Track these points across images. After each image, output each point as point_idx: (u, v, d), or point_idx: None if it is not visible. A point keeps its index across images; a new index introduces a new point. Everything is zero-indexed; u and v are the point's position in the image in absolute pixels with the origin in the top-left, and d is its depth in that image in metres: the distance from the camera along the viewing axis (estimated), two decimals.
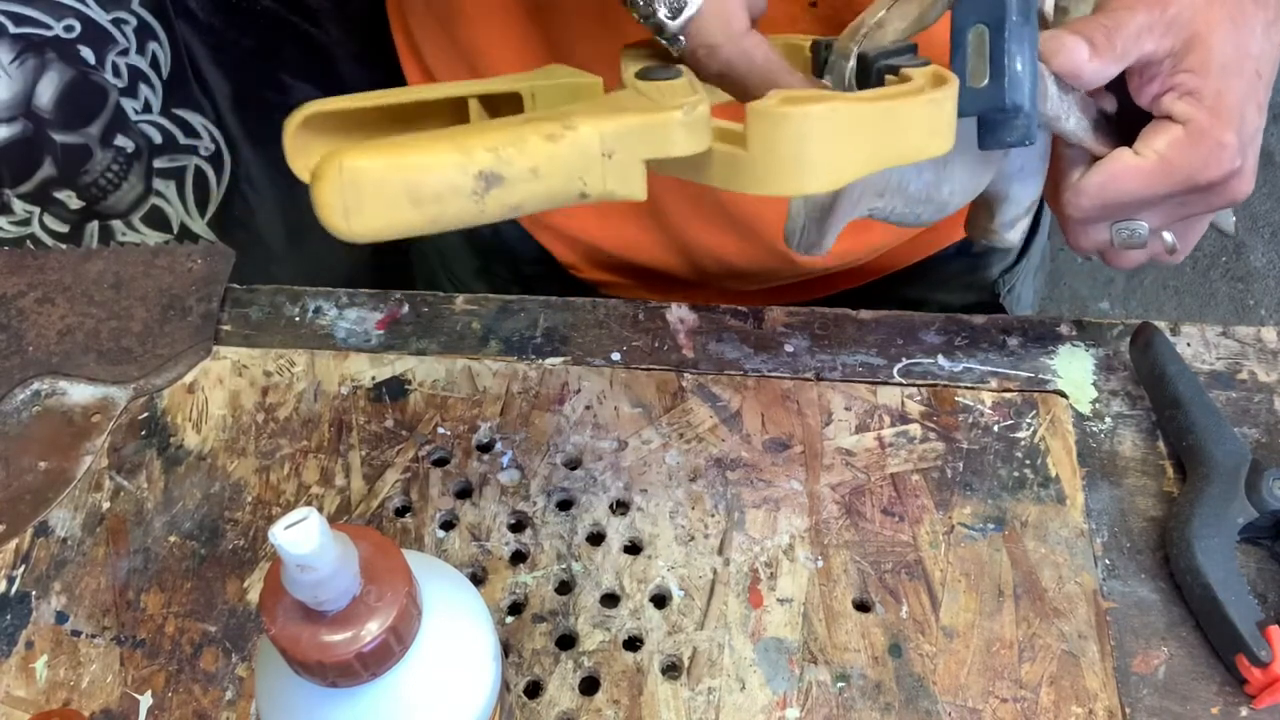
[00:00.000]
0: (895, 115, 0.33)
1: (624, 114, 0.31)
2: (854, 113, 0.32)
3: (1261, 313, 1.65)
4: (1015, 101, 0.37)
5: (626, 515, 0.48)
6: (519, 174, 0.29)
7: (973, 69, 0.37)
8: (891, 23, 0.39)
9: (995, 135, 0.38)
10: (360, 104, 0.36)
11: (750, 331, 0.55)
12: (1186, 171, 0.41)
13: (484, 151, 0.29)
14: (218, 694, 0.44)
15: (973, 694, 0.43)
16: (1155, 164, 0.41)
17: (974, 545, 0.47)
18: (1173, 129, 0.41)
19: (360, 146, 0.28)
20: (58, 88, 0.75)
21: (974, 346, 0.54)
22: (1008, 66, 0.36)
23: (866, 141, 0.33)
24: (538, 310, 0.56)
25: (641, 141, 0.31)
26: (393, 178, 0.28)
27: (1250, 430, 0.50)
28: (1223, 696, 0.43)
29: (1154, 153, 0.41)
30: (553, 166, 0.30)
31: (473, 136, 0.29)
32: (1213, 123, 0.40)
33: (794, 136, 0.32)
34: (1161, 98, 0.41)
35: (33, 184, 0.78)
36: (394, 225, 0.28)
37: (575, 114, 0.31)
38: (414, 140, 0.29)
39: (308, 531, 0.28)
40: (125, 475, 0.50)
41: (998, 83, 0.37)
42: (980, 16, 0.36)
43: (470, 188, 0.29)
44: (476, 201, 0.29)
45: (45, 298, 0.57)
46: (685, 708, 0.43)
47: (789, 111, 0.31)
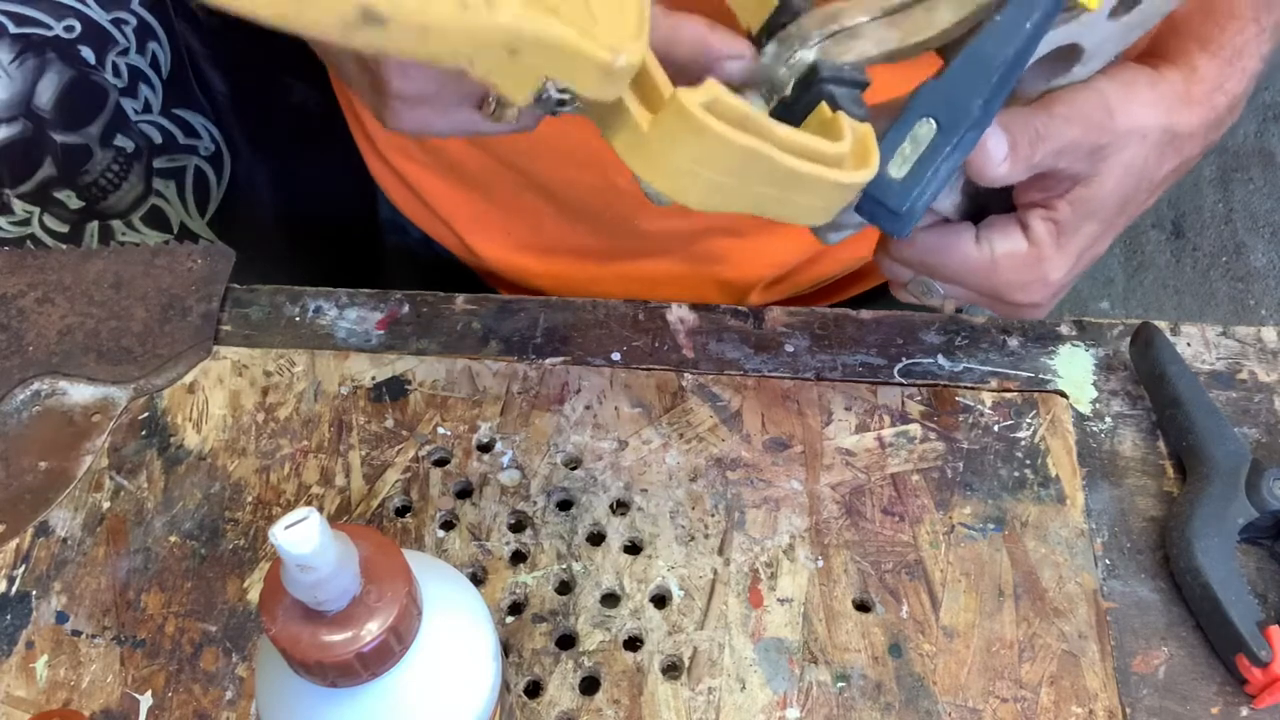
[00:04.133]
0: (801, 180, 0.32)
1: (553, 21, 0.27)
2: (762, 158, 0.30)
3: (1261, 313, 1.65)
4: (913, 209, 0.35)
5: (626, 515, 0.48)
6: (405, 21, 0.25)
7: (898, 157, 0.35)
8: (863, 40, 0.36)
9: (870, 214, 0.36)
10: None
11: (750, 331, 0.55)
12: (1006, 284, 0.42)
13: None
14: (218, 694, 0.44)
15: (973, 694, 0.43)
16: (985, 262, 0.42)
17: (974, 545, 0.47)
18: (1016, 241, 0.41)
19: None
20: (58, 88, 0.75)
21: (974, 346, 0.54)
22: (926, 181, 0.34)
23: (758, 188, 0.31)
24: (538, 310, 0.56)
25: (556, 59, 0.28)
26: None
27: (1250, 430, 0.50)
28: (1223, 696, 0.43)
29: (990, 251, 0.42)
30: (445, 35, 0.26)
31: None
32: (1052, 257, 0.41)
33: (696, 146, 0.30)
34: (1032, 207, 0.41)
35: (33, 184, 0.78)
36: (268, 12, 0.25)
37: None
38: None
39: (308, 531, 0.28)
40: (125, 475, 0.50)
41: (906, 189, 0.34)
42: (937, 112, 0.34)
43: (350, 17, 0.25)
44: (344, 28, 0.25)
45: (45, 298, 0.57)
46: (685, 708, 0.43)
47: (706, 123, 0.29)
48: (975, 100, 0.34)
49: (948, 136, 0.34)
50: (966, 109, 0.34)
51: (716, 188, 0.31)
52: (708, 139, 0.29)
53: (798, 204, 0.33)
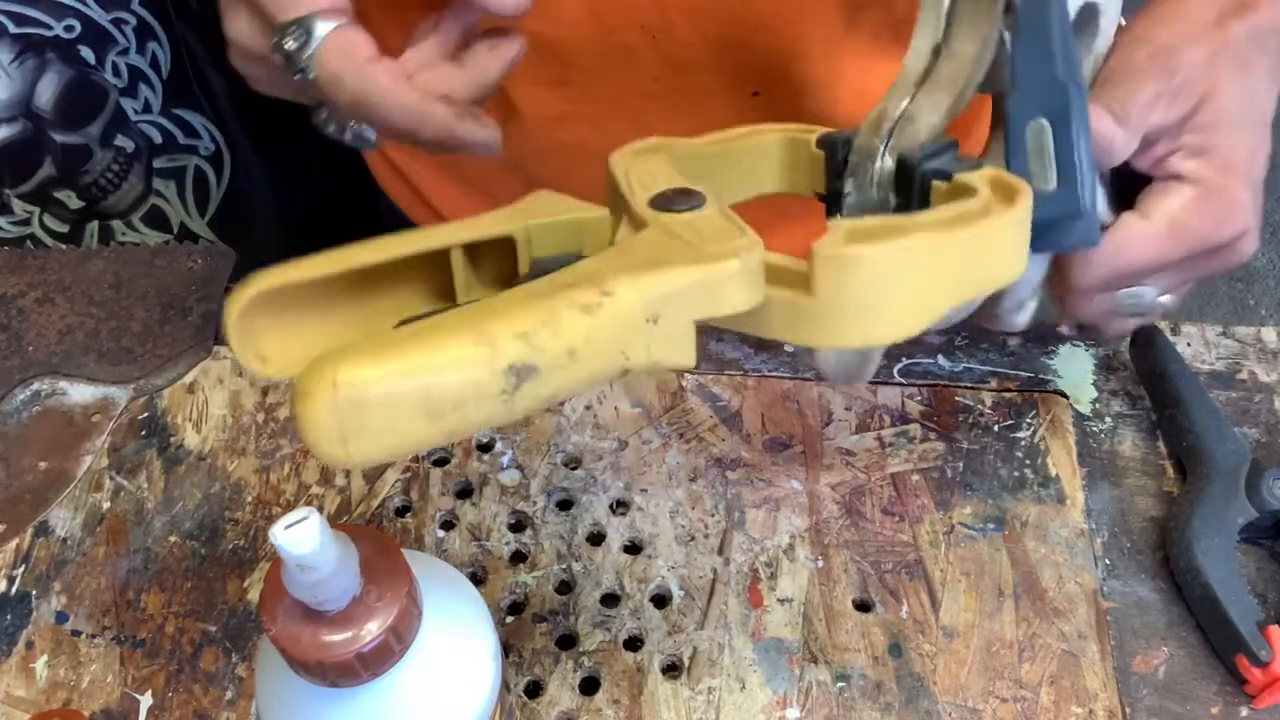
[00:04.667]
0: (975, 243, 0.29)
1: (667, 268, 0.26)
2: (932, 246, 0.28)
3: (1261, 313, 1.65)
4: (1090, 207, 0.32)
5: (626, 515, 0.48)
6: (555, 361, 0.24)
7: (1036, 170, 0.32)
8: (922, 115, 0.34)
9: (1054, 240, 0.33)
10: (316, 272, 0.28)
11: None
12: (1200, 233, 0.39)
13: (512, 339, 0.23)
14: (218, 694, 0.44)
15: (973, 694, 0.43)
16: (1166, 228, 0.39)
17: (974, 545, 0.47)
18: (1183, 190, 0.39)
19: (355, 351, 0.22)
20: (58, 88, 0.75)
21: (974, 346, 0.54)
22: (1079, 166, 0.32)
23: (948, 275, 0.28)
24: None
25: (692, 301, 0.26)
26: (403, 389, 0.22)
27: (1250, 430, 0.50)
28: (1223, 696, 0.43)
29: (1165, 216, 0.39)
30: (592, 345, 0.25)
31: (494, 320, 0.24)
32: (1225, 180, 0.39)
33: (869, 281, 0.27)
34: (1168, 159, 0.40)
35: (33, 184, 0.78)
36: (404, 444, 0.23)
37: (607, 273, 0.25)
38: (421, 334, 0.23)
39: (308, 531, 0.28)
40: (125, 475, 0.50)
41: (1069, 187, 0.32)
42: (1040, 109, 0.32)
43: (499, 386, 0.23)
44: (505, 401, 0.23)
45: (45, 298, 0.57)
46: (685, 708, 0.43)
47: (861, 254, 0.27)
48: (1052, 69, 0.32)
49: (1064, 119, 0.32)
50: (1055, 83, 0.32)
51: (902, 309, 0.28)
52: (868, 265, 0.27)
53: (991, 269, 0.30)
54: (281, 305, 0.28)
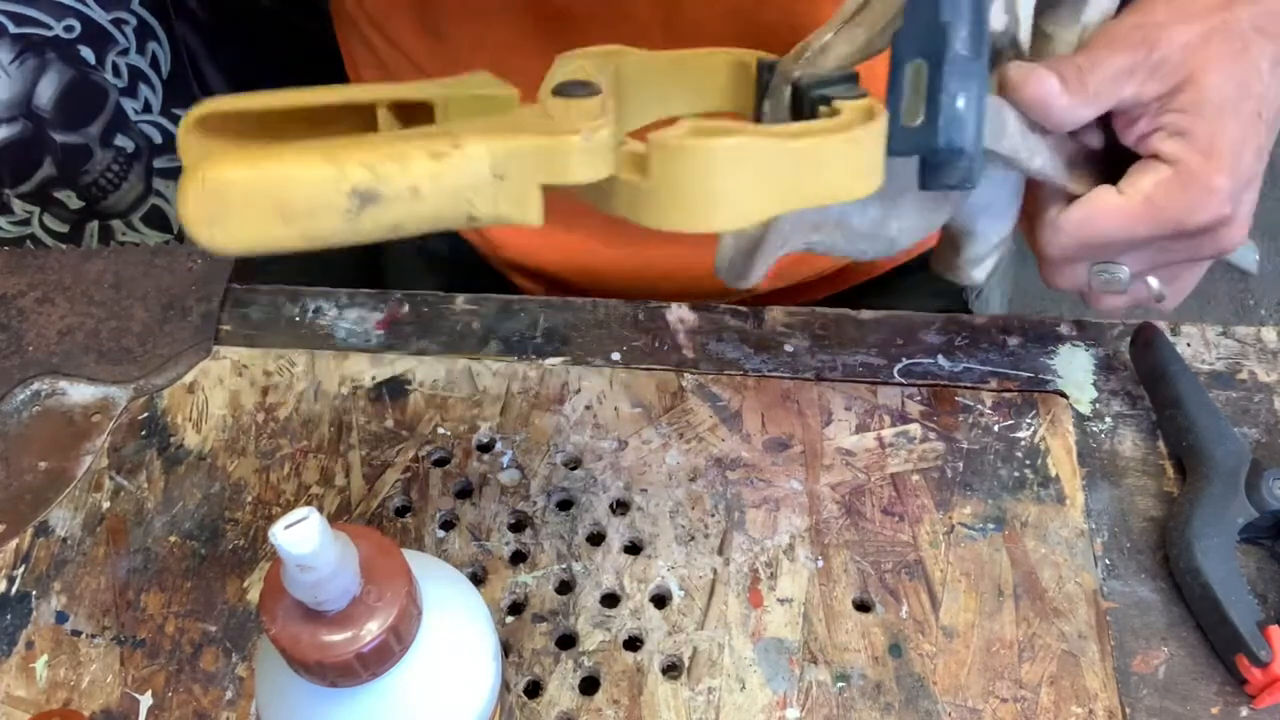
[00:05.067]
0: (811, 153, 0.31)
1: (518, 134, 0.29)
2: (764, 149, 0.30)
3: (1261, 313, 1.65)
4: (951, 144, 0.34)
5: (626, 515, 0.48)
6: (397, 192, 0.28)
7: (908, 106, 0.34)
8: (836, 47, 0.37)
9: (936, 177, 0.35)
10: (258, 104, 0.32)
11: (750, 331, 0.55)
12: (1172, 215, 0.39)
13: (358, 167, 0.27)
14: (218, 694, 0.44)
15: (973, 694, 0.43)
16: (1139, 205, 0.39)
17: (974, 545, 0.47)
18: (1160, 169, 0.39)
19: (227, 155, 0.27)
20: (58, 88, 0.75)
21: (974, 346, 0.54)
22: (944, 106, 0.33)
23: (778, 180, 0.31)
24: (538, 310, 0.56)
25: (536, 165, 0.29)
26: (259, 190, 0.27)
27: (1250, 430, 0.50)
28: (1223, 696, 0.43)
29: (1139, 193, 0.39)
30: (436, 186, 0.28)
31: (349, 149, 0.27)
32: (1203, 165, 0.38)
33: (697, 171, 0.30)
34: (1149, 137, 0.39)
35: (33, 184, 0.78)
36: (262, 239, 0.27)
37: (465, 131, 0.29)
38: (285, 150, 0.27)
39: (308, 531, 0.28)
40: (125, 475, 0.50)
41: (933, 124, 0.33)
42: (919, 50, 0.34)
43: (344, 205, 0.27)
44: (350, 219, 0.27)
45: (45, 298, 0.57)
46: (685, 708, 0.43)
47: (692, 144, 0.30)
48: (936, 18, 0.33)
49: (940, 66, 0.33)
50: (937, 30, 0.33)
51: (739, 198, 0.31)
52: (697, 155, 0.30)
53: (827, 183, 0.32)
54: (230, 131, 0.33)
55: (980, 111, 0.34)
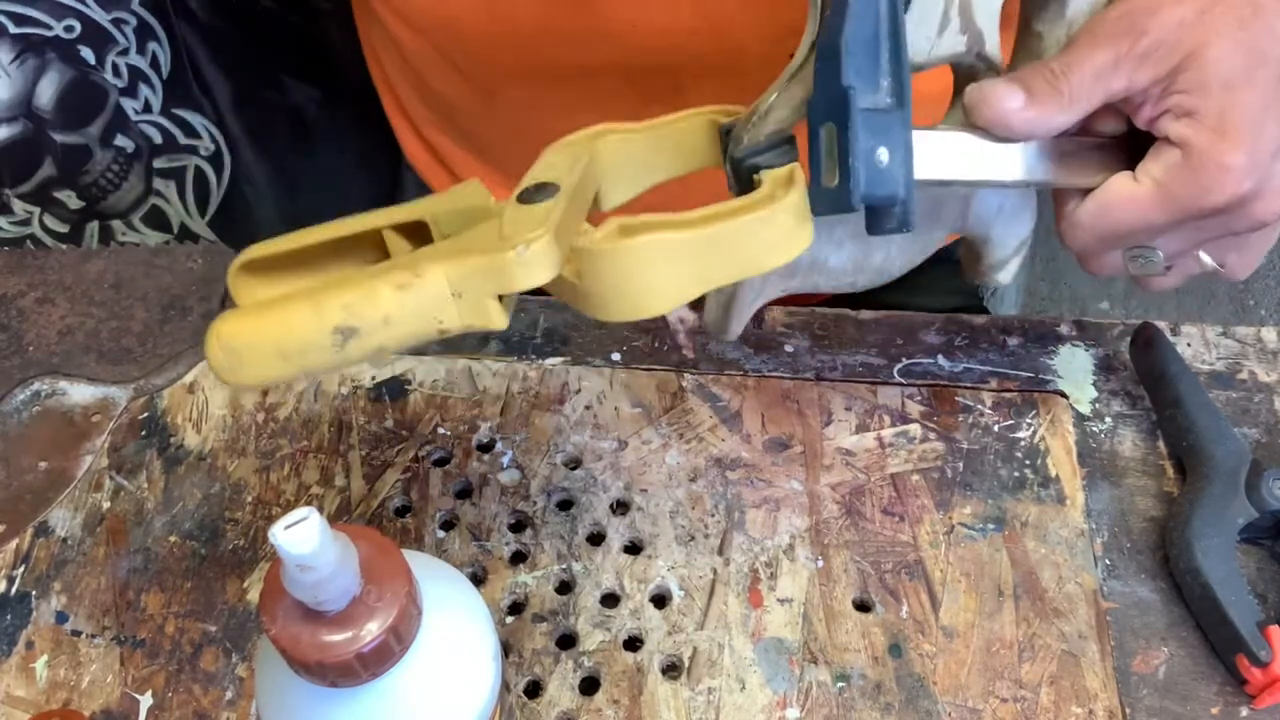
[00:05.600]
0: (722, 237, 0.34)
1: (467, 255, 0.32)
2: (676, 240, 0.33)
3: (1261, 313, 1.65)
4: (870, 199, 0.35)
5: (626, 515, 0.48)
6: (373, 325, 0.32)
7: (825, 168, 0.35)
8: (777, 109, 0.38)
9: (874, 224, 0.36)
10: (287, 246, 0.38)
11: (750, 331, 0.55)
12: (1186, 199, 0.38)
13: (338, 309, 0.31)
14: (218, 694, 0.44)
15: (973, 694, 0.43)
16: (1151, 192, 0.38)
17: (974, 545, 0.47)
18: (1170, 153, 0.38)
19: (234, 313, 0.32)
20: (58, 88, 0.75)
21: (974, 346, 0.54)
22: (853, 169, 0.34)
23: (696, 265, 0.34)
24: (538, 310, 0.56)
25: (486, 280, 0.32)
26: (260, 340, 0.32)
27: (1250, 430, 0.50)
28: (1223, 696, 0.43)
29: (1150, 179, 0.38)
30: (404, 312, 0.32)
31: (328, 293, 0.32)
32: (1214, 144, 0.37)
33: (619, 269, 0.33)
34: (1158, 121, 0.38)
35: (33, 184, 0.78)
36: (269, 375, 0.32)
37: (424, 259, 0.32)
38: (277, 301, 0.32)
39: (308, 531, 0.28)
40: (125, 475, 0.50)
41: (845, 184, 0.34)
42: (828, 114, 0.35)
43: (329, 342, 0.32)
44: (337, 351, 0.32)
45: (45, 298, 0.57)
46: (685, 708, 0.43)
47: (609, 247, 0.33)
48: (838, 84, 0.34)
49: (847, 124, 0.34)
50: (840, 94, 0.34)
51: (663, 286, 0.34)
52: (615, 257, 0.33)
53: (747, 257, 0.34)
54: (268, 267, 0.38)
55: (905, 158, 0.35)
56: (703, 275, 0.34)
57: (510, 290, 0.33)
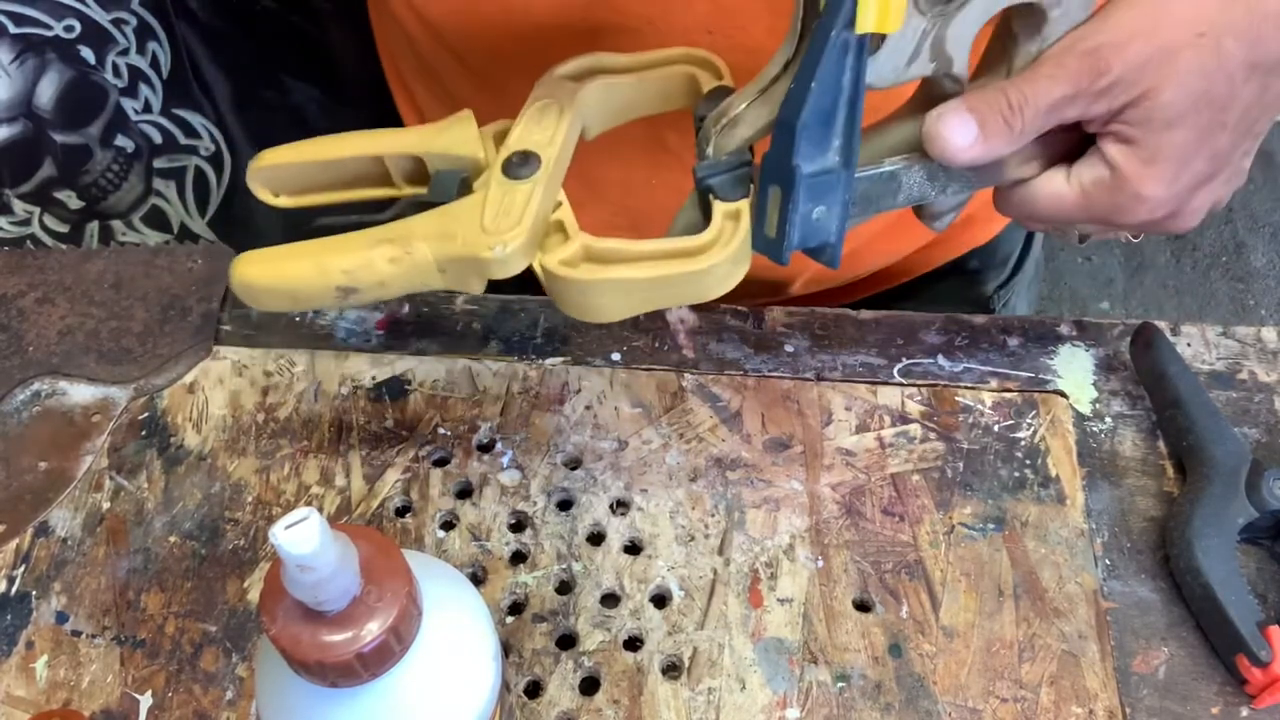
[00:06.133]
0: (672, 276, 0.39)
1: (453, 242, 0.38)
2: (623, 279, 0.38)
3: (1261, 313, 1.65)
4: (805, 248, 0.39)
5: (626, 515, 0.48)
6: (369, 285, 0.38)
7: (768, 218, 0.39)
8: (743, 124, 0.40)
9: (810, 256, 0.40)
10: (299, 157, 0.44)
11: (750, 331, 0.55)
12: (1102, 212, 0.41)
13: (338, 273, 0.38)
14: (218, 694, 0.44)
15: (973, 694, 0.43)
16: (1075, 196, 0.41)
17: (974, 545, 0.47)
18: (1100, 169, 0.41)
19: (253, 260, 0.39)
20: (58, 88, 0.75)
21: (974, 346, 0.54)
22: (788, 235, 0.38)
23: (646, 294, 0.39)
24: (538, 310, 0.56)
25: (466, 266, 0.38)
26: (274, 288, 0.39)
27: (1250, 430, 0.50)
28: (1223, 696, 0.43)
29: (1079, 184, 0.41)
30: (396, 280, 0.38)
31: (332, 257, 0.38)
32: (1140, 174, 0.40)
33: (577, 290, 0.39)
34: (1100, 137, 0.41)
35: (33, 184, 0.78)
36: (283, 309, 0.40)
37: (415, 236, 0.38)
38: (288, 256, 0.39)
39: (308, 531, 0.28)
40: (125, 475, 0.50)
41: (779, 243, 0.39)
42: (776, 178, 0.38)
43: (333, 296, 0.38)
44: (340, 301, 0.39)
45: (45, 298, 0.57)
46: (685, 708, 0.43)
47: (569, 275, 0.38)
48: (789, 160, 0.37)
49: (791, 195, 0.37)
50: (789, 169, 0.37)
51: (615, 307, 0.40)
52: (572, 283, 0.39)
53: (690, 291, 0.39)
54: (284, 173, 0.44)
55: (841, 212, 0.39)
56: (650, 301, 0.40)
57: (486, 277, 0.39)
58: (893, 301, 0.70)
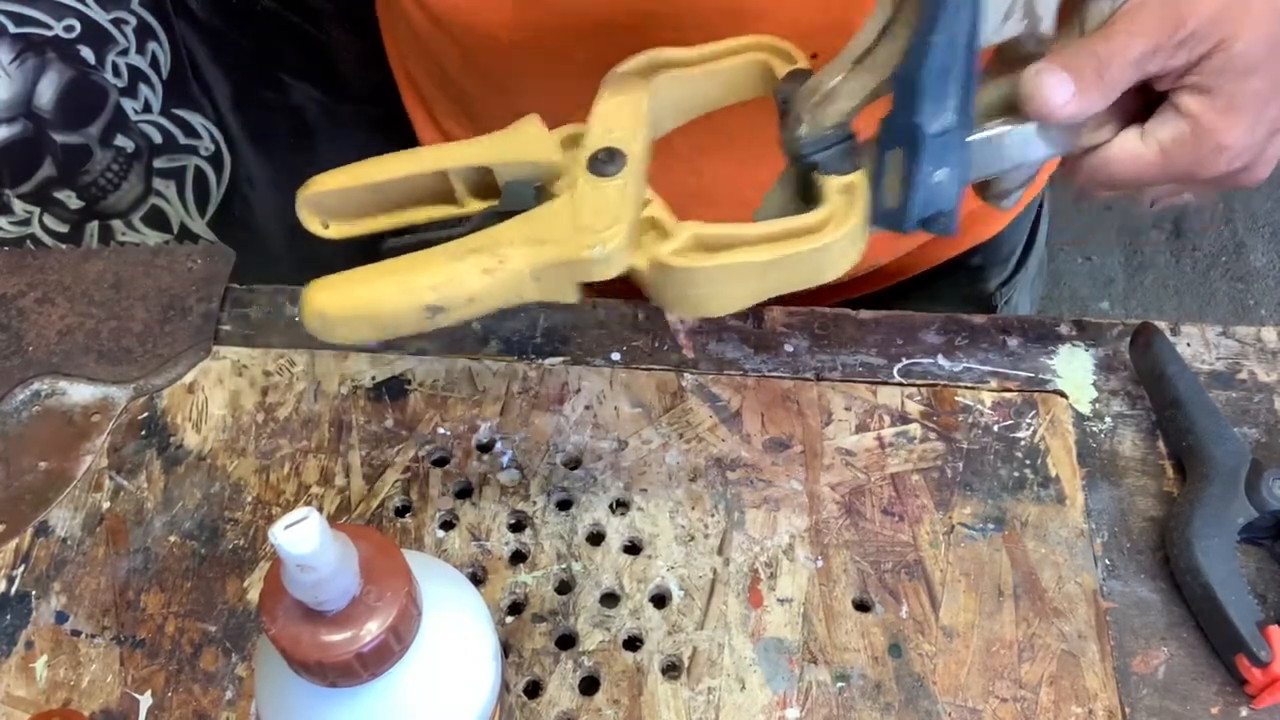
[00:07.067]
0: (789, 259, 0.37)
1: (546, 245, 0.36)
2: (749, 264, 0.37)
3: (1261, 313, 1.65)
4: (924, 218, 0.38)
5: (626, 515, 0.48)
6: (459, 303, 0.36)
7: (887, 187, 0.38)
8: (841, 96, 0.39)
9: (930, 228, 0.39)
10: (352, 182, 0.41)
11: (750, 331, 0.55)
12: (1183, 167, 0.41)
13: (427, 290, 0.35)
14: (218, 694, 0.44)
15: (973, 694, 0.43)
16: (1155, 155, 0.41)
17: (974, 545, 0.47)
18: (1178, 124, 0.41)
19: (330, 285, 0.35)
20: (58, 88, 0.75)
21: (974, 346, 0.54)
22: (911, 200, 0.37)
23: (761, 280, 0.37)
24: (537, 310, 0.56)
25: (564, 271, 0.36)
26: (354, 313, 0.35)
27: (1250, 430, 0.50)
28: (1223, 696, 0.43)
29: (1156, 143, 0.41)
30: (489, 293, 0.36)
31: (418, 274, 0.35)
32: (1218, 123, 0.40)
33: (689, 282, 0.37)
34: (1175, 92, 0.41)
35: (33, 184, 0.78)
36: (364, 338, 0.37)
37: (505, 244, 0.36)
38: (368, 278, 0.35)
39: (308, 531, 0.28)
40: (125, 475, 0.50)
41: (904, 209, 0.38)
42: (898, 140, 0.37)
43: (420, 316, 0.35)
44: (426, 323, 0.36)
45: (45, 298, 0.57)
46: (685, 708, 0.43)
47: (683, 265, 0.36)
48: (913, 118, 0.36)
49: (916, 156, 0.37)
50: (913, 128, 0.36)
51: (731, 296, 0.38)
52: (683, 274, 0.37)
53: (808, 273, 0.37)
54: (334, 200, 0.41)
55: (960, 174, 0.38)
56: (763, 289, 0.38)
57: (584, 279, 0.37)
58: (895, 298, 0.70)
